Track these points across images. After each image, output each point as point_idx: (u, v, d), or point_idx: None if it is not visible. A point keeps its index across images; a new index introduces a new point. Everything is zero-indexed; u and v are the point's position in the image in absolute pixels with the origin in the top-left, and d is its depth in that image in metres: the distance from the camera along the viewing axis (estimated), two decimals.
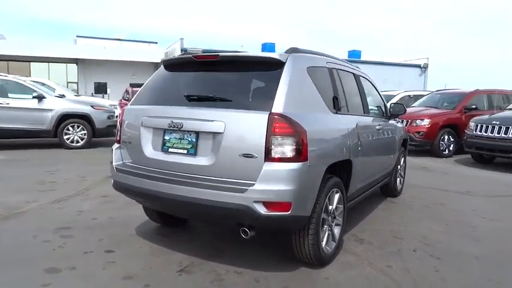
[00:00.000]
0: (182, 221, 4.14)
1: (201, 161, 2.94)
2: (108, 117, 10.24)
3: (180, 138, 3.06)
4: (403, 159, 5.82)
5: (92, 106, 10.02)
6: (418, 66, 32.77)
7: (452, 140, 10.06)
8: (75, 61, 31.34)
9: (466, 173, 8.09)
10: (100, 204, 4.92)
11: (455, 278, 3.15)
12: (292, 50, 3.23)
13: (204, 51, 25.26)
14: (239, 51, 4.12)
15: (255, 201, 2.68)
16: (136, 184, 3.18)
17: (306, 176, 2.81)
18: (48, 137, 9.67)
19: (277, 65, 3.03)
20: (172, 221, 4.02)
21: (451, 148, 10.10)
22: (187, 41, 27.02)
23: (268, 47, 30.18)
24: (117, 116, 11.81)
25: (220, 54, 3.17)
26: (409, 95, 13.51)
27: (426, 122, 9.77)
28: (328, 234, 3.29)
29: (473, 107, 10.26)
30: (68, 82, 31.60)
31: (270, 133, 2.71)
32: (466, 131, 8.94)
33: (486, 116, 8.79)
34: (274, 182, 2.70)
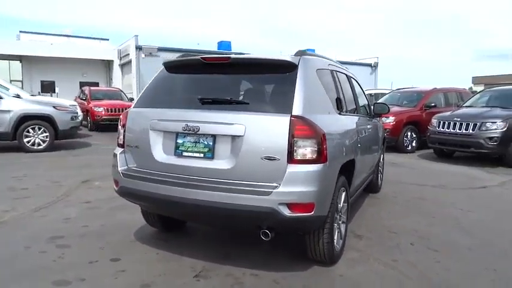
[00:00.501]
0: (181, 225, 4.06)
1: (220, 164, 2.90)
2: (72, 118, 9.75)
3: (196, 142, 3.00)
4: (382, 156, 6.05)
5: (54, 107, 9.48)
6: (369, 65, 34.01)
7: (414, 136, 10.55)
8: (19, 58, 29.53)
9: (432, 167, 8.53)
10: (85, 211, 4.71)
11: (457, 268, 3.34)
12: (301, 53, 3.25)
13: (159, 48, 24.81)
14: (246, 53, 4.10)
15: (280, 204, 2.69)
16: (147, 189, 3.07)
17: (325, 177, 2.86)
18: (6, 140, 9.08)
19: (290, 68, 3.05)
20: (172, 225, 3.94)
21: (413, 144, 10.59)
22: (141, 38, 26.36)
23: (224, 45, 30.06)
24: (80, 117, 11.33)
25: (232, 56, 3.13)
26: (370, 94, 13.99)
27: (391, 120, 10.14)
28: (338, 232, 3.37)
29: (433, 104, 10.81)
30: (11, 80, 29.60)
31: (292, 136, 2.73)
32: (429, 127, 9.39)
33: (448, 113, 9.30)
34: (297, 183, 2.73)
